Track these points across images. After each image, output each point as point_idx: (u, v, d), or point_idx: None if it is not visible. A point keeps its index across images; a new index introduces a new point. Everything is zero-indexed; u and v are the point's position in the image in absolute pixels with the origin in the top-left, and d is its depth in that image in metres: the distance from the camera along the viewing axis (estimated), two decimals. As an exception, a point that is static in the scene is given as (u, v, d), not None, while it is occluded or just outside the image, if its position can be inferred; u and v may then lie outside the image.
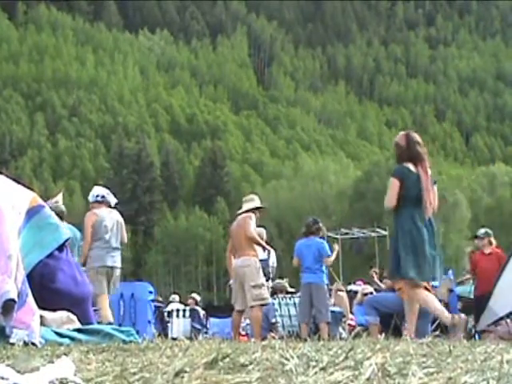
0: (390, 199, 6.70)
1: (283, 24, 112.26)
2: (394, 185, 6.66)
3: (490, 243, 10.78)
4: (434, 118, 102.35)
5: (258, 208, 9.00)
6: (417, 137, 6.80)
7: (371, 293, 11.24)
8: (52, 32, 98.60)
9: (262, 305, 8.65)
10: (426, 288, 6.57)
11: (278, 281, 11.88)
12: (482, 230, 11.06)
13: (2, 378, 1.50)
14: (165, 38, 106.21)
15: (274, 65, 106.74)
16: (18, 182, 4.49)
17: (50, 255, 4.41)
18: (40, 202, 4.45)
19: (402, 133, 7.00)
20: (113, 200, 9.26)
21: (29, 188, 4.61)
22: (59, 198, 10.15)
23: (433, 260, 6.58)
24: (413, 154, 6.66)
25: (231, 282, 9.46)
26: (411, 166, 6.66)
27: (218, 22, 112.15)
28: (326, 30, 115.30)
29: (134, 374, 1.67)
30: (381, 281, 12.32)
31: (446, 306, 10.70)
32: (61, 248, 4.53)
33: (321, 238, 10.09)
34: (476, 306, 9.84)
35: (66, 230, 4.62)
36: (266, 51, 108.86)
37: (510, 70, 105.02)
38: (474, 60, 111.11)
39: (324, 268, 9.89)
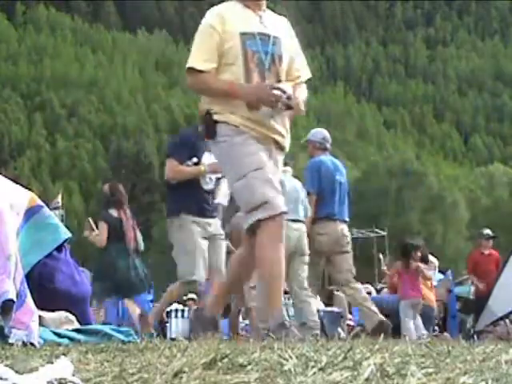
0: (102, 239, 8.63)
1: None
2: (102, 228, 8.61)
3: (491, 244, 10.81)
4: (433, 118, 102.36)
5: None
6: (120, 187, 8.78)
7: (370, 293, 11.24)
8: (51, 32, 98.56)
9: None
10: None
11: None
12: (488, 231, 11.07)
13: (1, 379, 1.50)
14: (164, 38, 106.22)
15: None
16: (17, 183, 4.49)
17: (49, 255, 4.41)
18: (39, 202, 4.45)
19: (107, 184, 9.07)
20: None
21: (27, 188, 4.61)
22: (59, 199, 10.30)
23: (129, 281, 8.56)
24: (116, 201, 8.54)
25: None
26: (114, 212, 8.53)
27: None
28: (325, 30, 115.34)
29: (133, 374, 1.67)
30: (379, 282, 12.31)
31: (445, 306, 10.71)
32: (59, 248, 4.53)
33: None
34: (477, 306, 9.86)
35: (66, 230, 4.62)
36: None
37: (508, 70, 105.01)
38: (472, 60, 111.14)
39: None
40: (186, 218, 6.43)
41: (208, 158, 6.48)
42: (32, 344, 3.49)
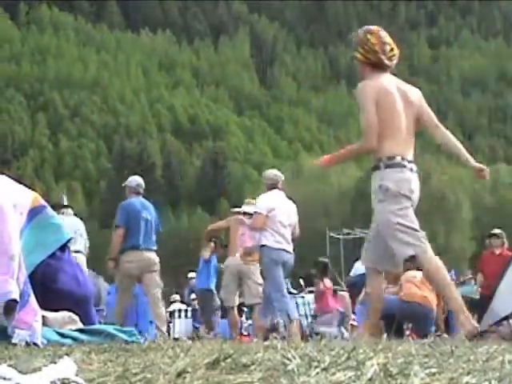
0: None
1: (285, 24, 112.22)
2: None
3: (503, 244, 10.71)
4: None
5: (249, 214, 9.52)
6: None
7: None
8: (54, 32, 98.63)
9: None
10: None
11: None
12: (498, 230, 11.03)
13: (5, 379, 1.50)
14: (167, 38, 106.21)
15: (276, 65, 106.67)
16: (20, 183, 4.49)
17: (52, 255, 4.41)
18: (42, 202, 4.45)
19: None
20: None
21: (30, 188, 4.61)
22: (64, 199, 10.36)
23: None
24: None
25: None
26: None
27: (220, 22, 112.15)
28: (328, 30, 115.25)
29: (136, 374, 1.67)
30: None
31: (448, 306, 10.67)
32: (63, 248, 4.53)
33: None
34: (481, 305, 9.83)
35: (68, 230, 4.62)
36: (268, 51, 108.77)
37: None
38: (476, 60, 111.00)
39: None
40: None
41: None
42: (35, 344, 3.49)
